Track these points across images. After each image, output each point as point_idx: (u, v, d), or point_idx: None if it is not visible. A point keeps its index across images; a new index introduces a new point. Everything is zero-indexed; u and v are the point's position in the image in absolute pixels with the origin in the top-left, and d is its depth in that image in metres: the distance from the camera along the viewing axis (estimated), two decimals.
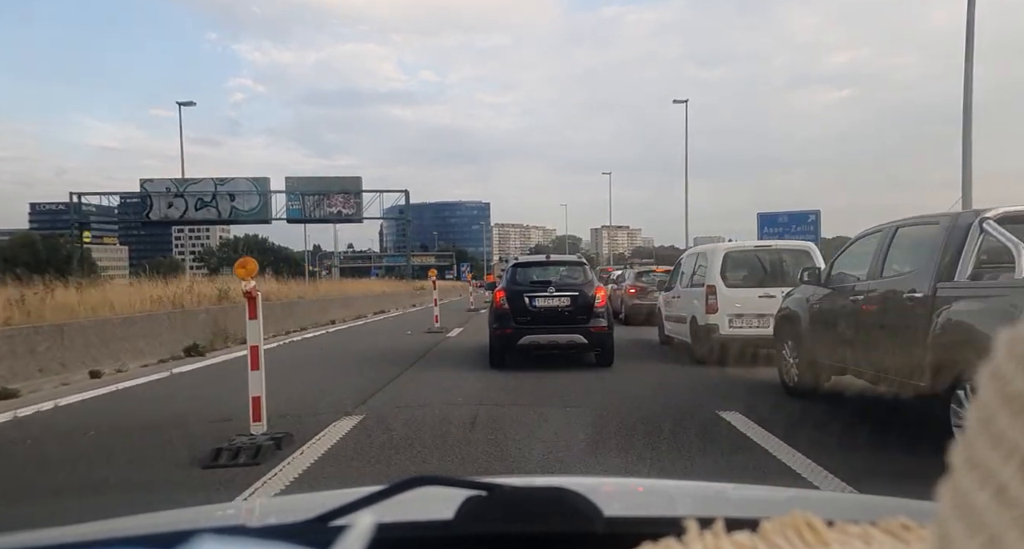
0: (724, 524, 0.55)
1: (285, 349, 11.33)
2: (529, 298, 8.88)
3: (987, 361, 0.31)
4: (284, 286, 19.35)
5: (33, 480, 4.26)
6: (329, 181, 40.94)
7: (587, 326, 8.76)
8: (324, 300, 19.09)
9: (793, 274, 7.92)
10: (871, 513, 0.65)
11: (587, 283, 9.15)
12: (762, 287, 8.75)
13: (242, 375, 4.97)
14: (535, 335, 8.79)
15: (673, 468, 4.16)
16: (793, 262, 8.75)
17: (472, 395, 6.92)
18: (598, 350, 8.93)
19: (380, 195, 40.65)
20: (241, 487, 3.90)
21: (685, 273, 10.45)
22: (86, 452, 4.87)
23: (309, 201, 39.88)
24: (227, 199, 39.03)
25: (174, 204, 38.66)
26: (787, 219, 36.23)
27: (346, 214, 40.41)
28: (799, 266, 7.65)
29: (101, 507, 3.52)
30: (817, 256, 8.81)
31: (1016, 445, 0.29)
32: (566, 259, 10.33)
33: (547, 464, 4.36)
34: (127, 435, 5.38)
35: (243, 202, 39.20)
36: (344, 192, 40.26)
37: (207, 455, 4.37)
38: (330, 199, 40.04)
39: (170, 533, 0.87)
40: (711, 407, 5.91)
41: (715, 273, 8.94)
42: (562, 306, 8.84)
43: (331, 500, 0.82)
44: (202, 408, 6.46)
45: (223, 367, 9.17)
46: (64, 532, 0.95)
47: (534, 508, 0.76)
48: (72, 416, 6.21)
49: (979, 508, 0.30)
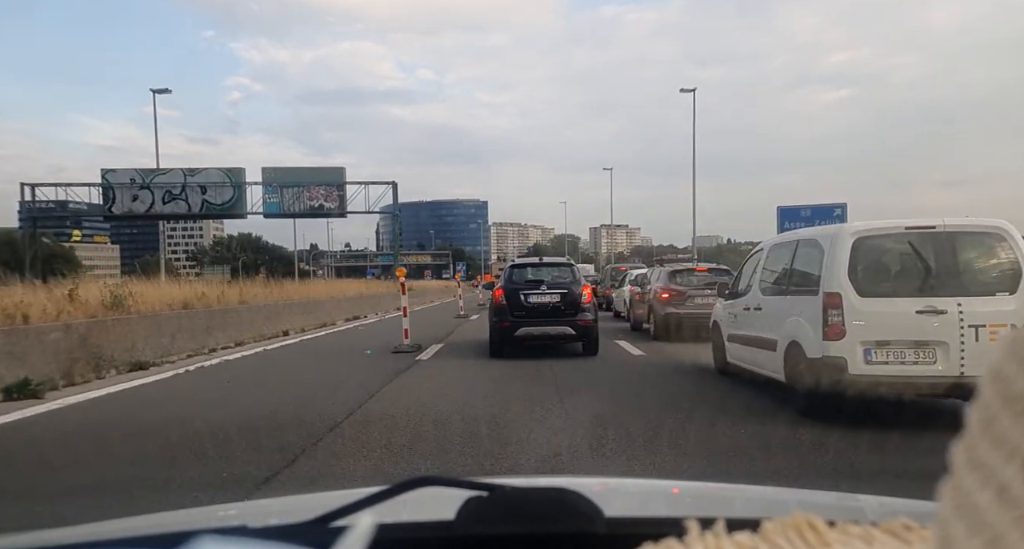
0: (725, 524, 0.55)
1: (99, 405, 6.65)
2: (524, 295, 9.99)
3: (989, 362, 0.31)
4: (231, 288, 15.96)
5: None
6: (309, 172, 37.65)
7: (575, 319, 9.89)
8: (277, 305, 15.69)
9: (973, 272, 5.13)
10: (872, 513, 0.65)
11: (575, 282, 10.28)
12: (922, 296, 5.23)
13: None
14: (530, 327, 9.88)
15: None
16: (974, 252, 5.30)
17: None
18: (584, 340, 10.05)
19: (366, 188, 37.35)
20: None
21: (768, 271, 7.03)
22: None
23: (288, 194, 36.61)
24: (198, 191, 35.74)
25: (139, 197, 35.36)
26: (810, 213, 32.97)
27: (328, 208, 37.13)
28: (985, 259, 4.86)
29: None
30: (1018, 242, 5.15)
31: (1018, 446, 0.29)
32: (556, 261, 11.29)
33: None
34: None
35: (215, 195, 35.92)
36: (326, 184, 37.00)
37: None
38: (311, 192, 36.78)
39: (171, 534, 0.87)
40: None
41: (839, 273, 5.38)
42: (553, 302, 9.96)
43: (332, 500, 0.82)
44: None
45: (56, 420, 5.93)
46: (65, 533, 0.94)
47: (535, 509, 0.75)
48: None
49: (981, 508, 0.30)
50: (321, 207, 37.26)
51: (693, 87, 34.69)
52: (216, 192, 36.19)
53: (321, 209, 37.36)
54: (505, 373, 8.44)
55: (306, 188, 36.90)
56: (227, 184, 36.21)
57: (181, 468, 4.21)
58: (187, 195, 35.92)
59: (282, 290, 19.85)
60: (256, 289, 17.08)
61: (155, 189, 35.44)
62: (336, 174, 37.26)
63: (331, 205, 37.40)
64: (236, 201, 36.15)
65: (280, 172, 37.26)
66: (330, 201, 37.44)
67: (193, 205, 35.91)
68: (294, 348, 12.71)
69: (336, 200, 37.35)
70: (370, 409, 6.24)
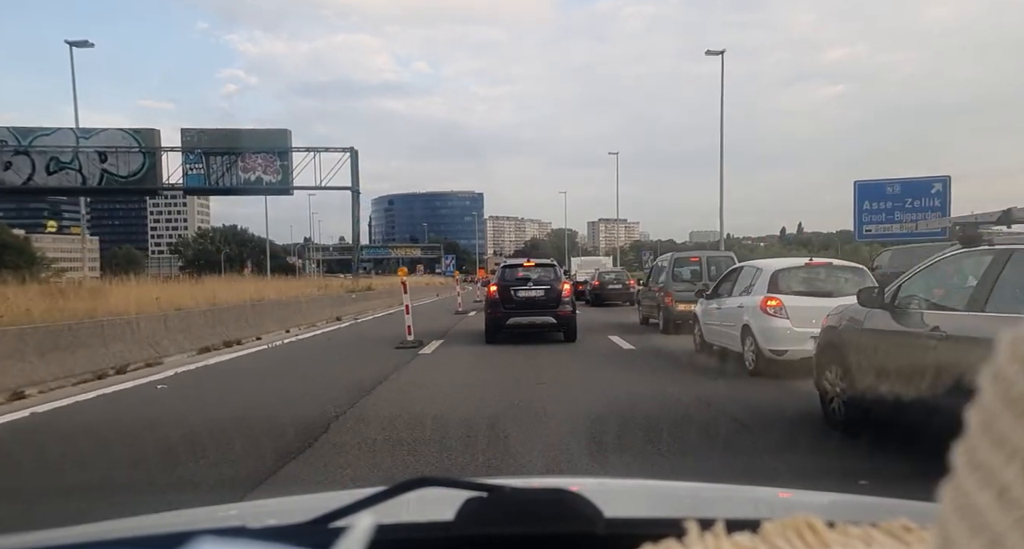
0: (725, 525, 0.56)
1: None
2: (514, 290, 12.16)
3: (989, 363, 0.32)
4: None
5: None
6: (244, 135, 29.29)
7: (556, 311, 12.03)
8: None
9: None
10: (872, 514, 0.67)
11: (556, 279, 12.40)
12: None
13: None
14: (519, 317, 12.07)
15: None
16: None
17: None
18: (564, 329, 12.18)
19: (316, 157, 29.06)
20: None
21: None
22: None
23: (216, 164, 28.39)
24: (95, 159, 27.48)
25: (14, 164, 27.06)
26: (899, 190, 24.89)
27: (268, 182, 28.84)
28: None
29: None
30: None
31: (1019, 447, 0.29)
32: (542, 262, 13.19)
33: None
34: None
35: (120, 164, 27.65)
36: (264, 152, 28.69)
37: None
38: (246, 161, 28.49)
39: (170, 534, 0.87)
40: None
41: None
42: (538, 296, 12.10)
43: (331, 501, 0.82)
44: None
45: None
46: (65, 533, 0.94)
47: (535, 510, 0.75)
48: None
49: (981, 509, 0.30)
50: (259, 181, 28.90)
51: (721, 49, 26.77)
52: (120, 160, 27.81)
53: (260, 183, 28.98)
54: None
55: (240, 156, 28.53)
56: (135, 150, 27.82)
57: None
58: (80, 163, 27.53)
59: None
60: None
61: (35, 155, 27.09)
62: (278, 138, 28.92)
63: (272, 178, 29.02)
64: (147, 171, 27.80)
65: (206, 135, 28.84)
66: (271, 173, 29.06)
67: (89, 177, 27.54)
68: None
69: (278, 172, 28.99)
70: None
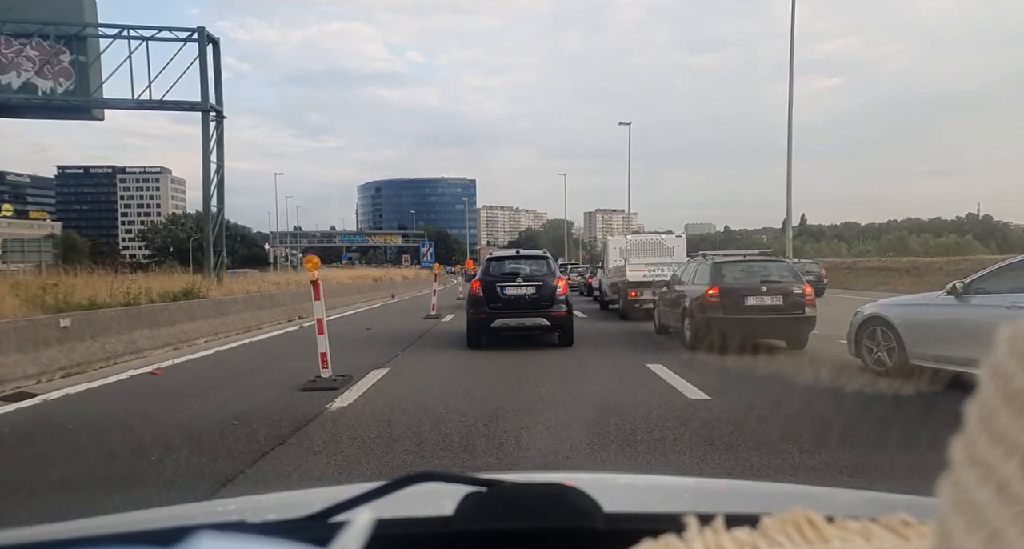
0: (724, 520, 0.56)
1: None
2: (500, 287, 10.50)
3: (988, 358, 0.32)
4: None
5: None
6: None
7: (550, 311, 10.38)
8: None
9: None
10: (871, 509, 0.64)
11: (550, 274, 10.76)
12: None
13: None
14: (506, 319, 10.35)
15: None
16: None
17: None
18: (560, 331, 10.57)
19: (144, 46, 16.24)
20: None
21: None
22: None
23: None
24: None
25: None
26: None
27: (50, 92, 15.90)
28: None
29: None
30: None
31: (1017, 442, 0.29)
32: (533, 254, 11.71)
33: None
34: None
35: None
36: (40, 36, 15.63)
37: None
38: (10, 48, 15.50)
39: (169, 529, 0.86)
40: None
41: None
42: (529, 294, 10.46)
43: (331, 496, 0.82)
44: None
45: None
46: (62, 528, 0.94)
47: (534, 504, 0.75)
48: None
49: (980, 504, 0.30)
50: (29, 88, 15.81)
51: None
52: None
53: (29, 93, 15.91)
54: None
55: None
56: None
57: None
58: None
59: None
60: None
61: None
62: (65, 8, 15.84)
63: (56, 85, 15.98)
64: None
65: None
66: (58, 77, 15.96)
67: None
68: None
69: (71, 73, 15.92)
70: None
